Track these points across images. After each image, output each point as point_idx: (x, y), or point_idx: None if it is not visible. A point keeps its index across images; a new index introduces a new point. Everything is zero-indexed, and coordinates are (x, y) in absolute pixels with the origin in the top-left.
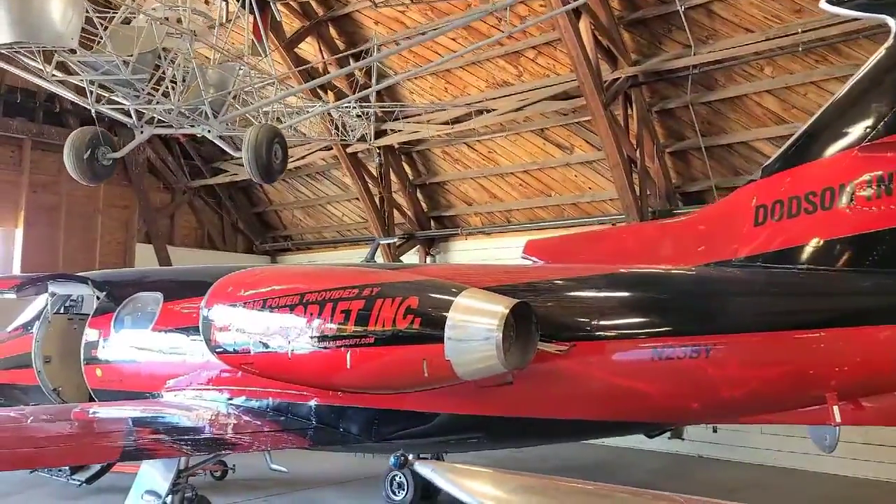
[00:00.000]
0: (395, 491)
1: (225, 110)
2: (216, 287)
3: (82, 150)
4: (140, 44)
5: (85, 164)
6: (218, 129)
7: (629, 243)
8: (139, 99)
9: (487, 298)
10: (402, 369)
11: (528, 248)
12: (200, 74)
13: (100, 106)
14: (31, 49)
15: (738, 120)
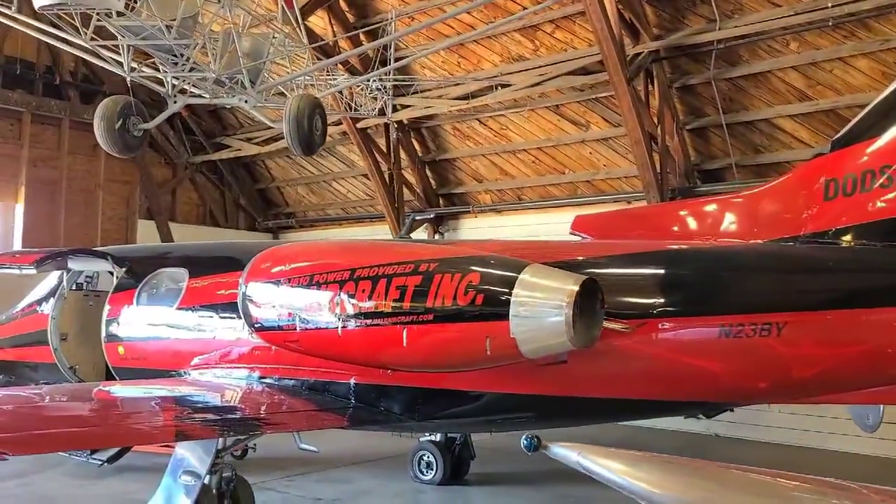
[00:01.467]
0: (422, 470)
1: (260, 79)
2: (257, 262)
3: (114, 119)
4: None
5: (116, 135)
6: (255, 100)
7: (684, 219)
8: (178, 66)
9: (554, 275)
10: (463, 347)
11: (577, 224)
12: (238, 41)
13: (135, 74)
14: (69, 12)
15: (760, 96)
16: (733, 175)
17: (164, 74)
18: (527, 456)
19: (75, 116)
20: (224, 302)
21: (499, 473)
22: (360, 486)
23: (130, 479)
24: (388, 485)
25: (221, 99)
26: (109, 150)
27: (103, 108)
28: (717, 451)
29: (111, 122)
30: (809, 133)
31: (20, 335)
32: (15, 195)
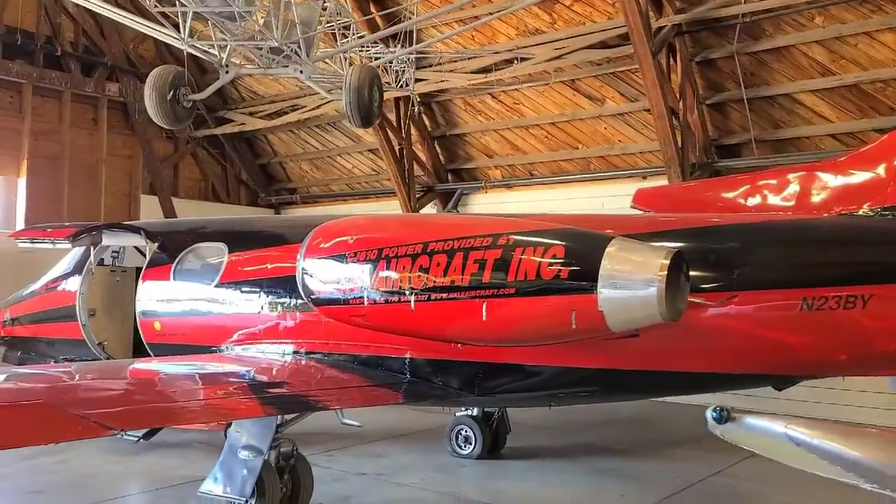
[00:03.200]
0: (460, 445)
1: (314, 49)
2: (317, 236)
3: (165, 90)
4: None
5: (168, 106)
6: (310, 70)
7: (752, 191)
8: (238, 34)
9: (643, 248)
10: (547, 321)
11: (638, 197)
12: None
13: (193, 41)
14: None
15: (782, 71)
16: (751, 150)
17: (218, 43)
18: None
19: (76, 89)
20: (269, 276)
21: (534, 447)
22: (398, 460)
23: (166, 454)
24: (427, 459)
25: (275, 69)
26: (160, 121)
27: (154, 79)
28: None
29: (162, 92)
30: (830, 108)
31: (42, 311)
32: (17, 169)
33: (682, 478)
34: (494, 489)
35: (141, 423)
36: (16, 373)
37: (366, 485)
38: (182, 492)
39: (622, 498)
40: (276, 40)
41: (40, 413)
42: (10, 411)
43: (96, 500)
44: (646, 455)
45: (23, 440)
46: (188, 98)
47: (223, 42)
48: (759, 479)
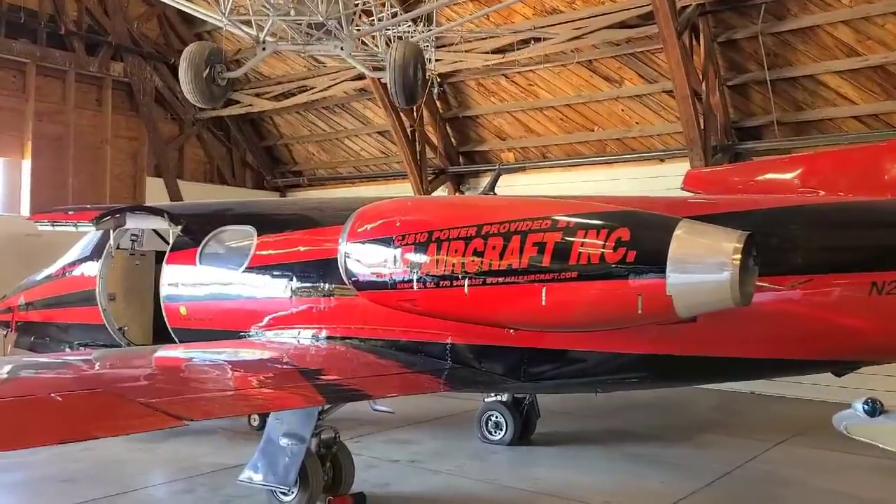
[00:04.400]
0: (491, 430)
1: (353, 25)
2: (360, 220)
3: (202, 67)
4: None
5: (204, 83)
6: (350, 46)
7: (808, 173)
8: (280, 10)
9: (713, 231)
10: (611, 306)
11: (689, 180)
12: None
13: (233, 16)
14: None
15: (806, 52)
16: (772, 133)
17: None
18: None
19: (80, 69)
20: (301, 260)
21: (561, 433)
22: (428, 446)
23: (190, 442)
24: (458, 445)
25: (313, 46)
26: (195, 99)
27: (189, 56)
28: (755, 409)
29: (199, 69)
30: (855, 90)
31: (59, 296)
32: (21, 151)
33: (720, 463)
34: (532, 476)
35: (208, 412)
36: (57, 360)
37: (401, 472)
38: (216, 479)
39: (663, 485)
40: (320, 15)
41: (106, 403)
42: (76, 401)
43: (129, 489)
44: (675, 440)
45: (94, 431)
46: (223, 76)
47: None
48: (796, 465)
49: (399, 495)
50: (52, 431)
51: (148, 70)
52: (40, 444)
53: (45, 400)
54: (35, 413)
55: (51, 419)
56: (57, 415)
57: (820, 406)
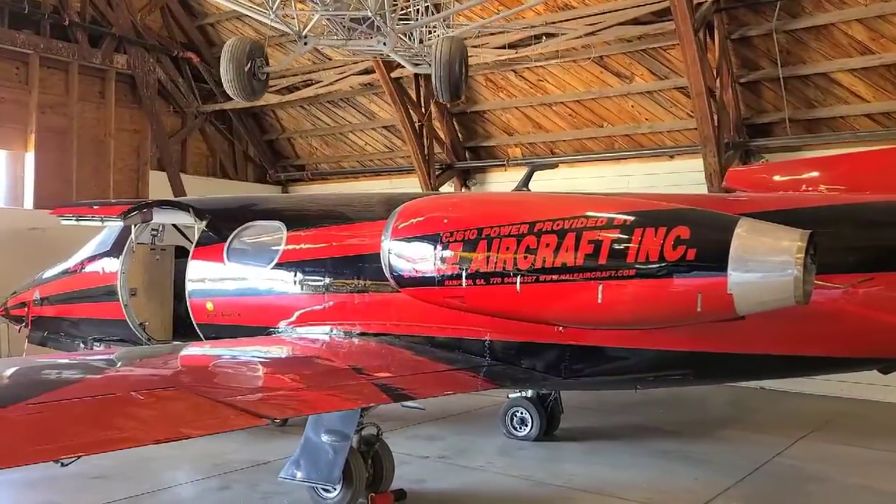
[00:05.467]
0: (516, 426)
1: (395, 20)
2: (404, 216)
3: (243, 61)
4: None
5: (245, 78)
6: (393, 41)
7: (856, 170)
8: (326, 5)
9: (774, 229)
10: (670, 304)
11: (731, 177)
12: None
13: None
14: None
15: (820, 49)
16: (783, 130)
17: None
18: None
19: (84, 60)
20: (333, 256)
21: (584, 428)
22: (455, 442)
23: (218, 438)
24: (484, 441)
25: (355, 41)
26: (235, 94)
27: (231, 50)
28: (769, 405)
29: (240, 64)
30: (867, 88)
31: (77, 291)
32: (24, 143)
33: (746, 460)
34: (565, 472)
35: (287, 411)
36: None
37: (434, 468)
38: (250, 476)
39: (696, 481)
40: (369, 10)
41: (188, 402)
42: (158, 400)
43: (163, 486)
44: (698, 436)
45: (187, 431)
46: (263, 70)
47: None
48: (821, 461)
49: (437, 492)
50: (147, 431)
51: (151, 62)
52: (137, 444)
53: (127, 399)
54: (124, 413)
55: (142, 419)
56: (146, 414)
57: (832, 402)
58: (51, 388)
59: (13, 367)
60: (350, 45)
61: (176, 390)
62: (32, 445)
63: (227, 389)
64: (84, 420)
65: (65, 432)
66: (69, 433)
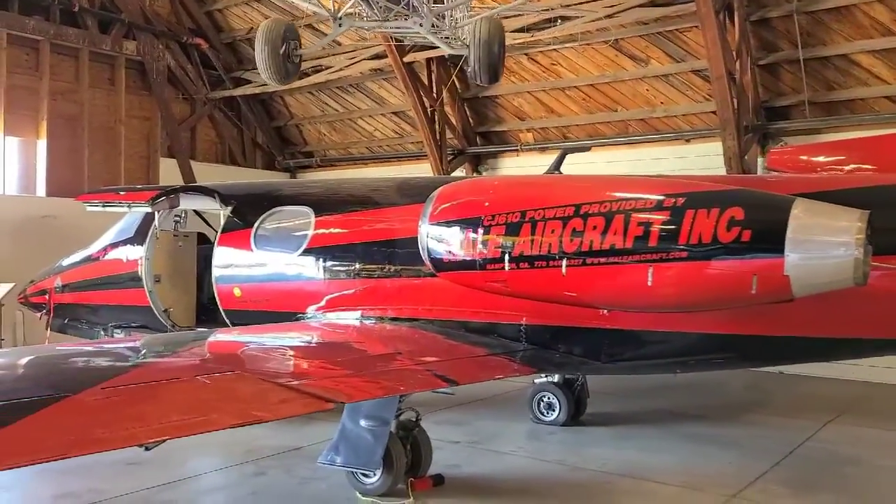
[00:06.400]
0: (543, 411)
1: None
2: (442, 200)
3: (278, 44)
4: None
5: (280, 61)
6: (430, 23)
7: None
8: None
9: (832, 210)
10: (724, 286)
11: (773, 160)
12: None
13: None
14: None
15: (840, 31)
16: (802, 113)
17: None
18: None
19: (94, 46)
20: (364, 241)
21: (609, 413)
22: (484, 427)
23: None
24: (513, 426)
25: (391, 22)
26: (270, 77)
27: (266, 33)
28: (789, 389)
29: (275, 46)
30: (888, 69)
31: (98, 278)
32: (36, 130)
33: (779, 444)
34: (598, 457)
35: (355, 394)
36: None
37: (465, 453)
38: (284, 461)
39: (731, 465)
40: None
41: (255, 386)
42: (226, 384)
43: (199, 472)
44: (725, 420)
45: (261, 415)
46: (297, 53)
47: None
48: (853, 444)
49: (473, 476)
50: (223, 415)
51: (160, 48)
52: (216, 427)
53: (196, 384)
54: (197, 397)
55: (215, 403)
56: (218, 398)
57: (850, 385)
58: (116, 373)
59: (60, 353)
60: (385, 26)
61: (238, 374)
62: (116, 430)
63: (287, 374)
64: (161, 404)
65: (143, 416)
66: (147, 417)
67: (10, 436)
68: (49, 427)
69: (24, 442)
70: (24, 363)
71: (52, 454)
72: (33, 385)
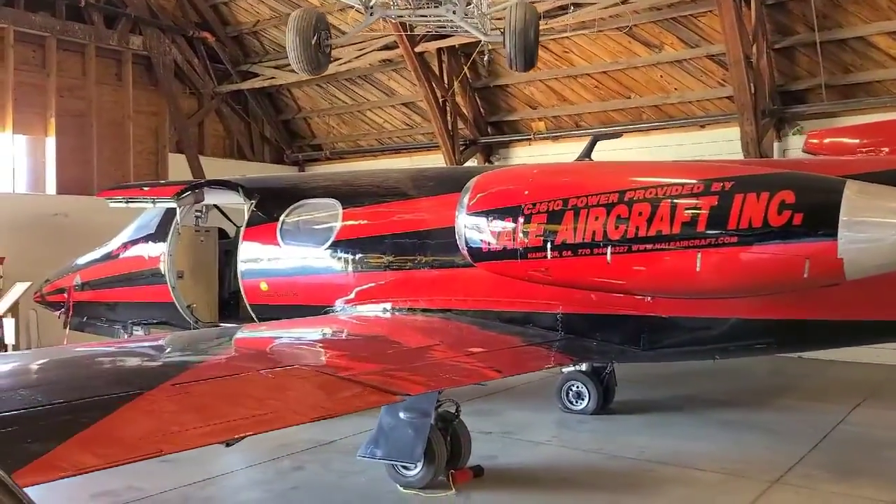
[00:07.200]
0: (572, 400)
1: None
2: (479, 189)
3: (310, 34)
4: None
5: (312, 52)
6: (462, 11)
7: None
8: None
9: (883, 191)
10: (775, 271)
11: (811, 145)
12: None
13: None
14: None
15: (858, 13)
16: (818, 96)
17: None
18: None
19: (100, 42)
20: (394, 232)
21: (642, 401)
22: (515, 418)
23: None
24: (543, 416)
25: (424, 10)
26: (300, 68)
27: (297, 23)
28: (814, 373)
29: (306, 37)
30: None
31: (119, 275)
32: (45, 128)
33: (812, 428)
34: (635, 445)
35: (415, 387)
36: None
37: (501, 444)
38: (319, 456)
39: (769, 450)
40: None
41: (319, 380)
42: (292, 379)
43: (234, 469)
44: (755, 406)
45: (329, 409)
46: (328, 43)
47: None
48: (886, 427)
49: (511, 467)
50: (298, 410)
51: (166, 43)
52: (294, 422)
53: (264, 379)
54: (268, 393)
55: (287, 398)
56: (290, 394)
57: (874, 369)
58: (181, 369)
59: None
60: (417, 14)
61: (299, 369)
62: (202, 425)
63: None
64: (237, 399)
65: (219, 412)
66: (224, 413)
67: (94, 435)
68: (134, 424)
69: (110, 441)
70: (75, 362)
71: (142, 452)
72: (102, 383)
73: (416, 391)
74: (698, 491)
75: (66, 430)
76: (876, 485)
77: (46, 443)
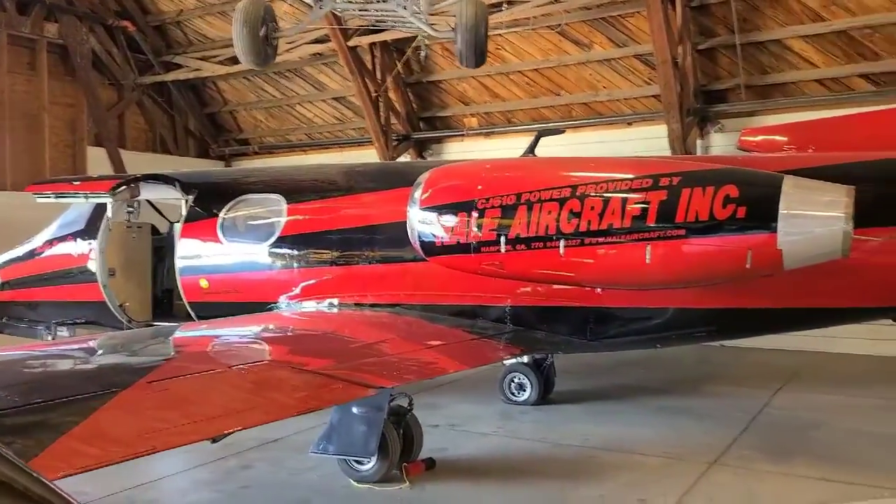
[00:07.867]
0: (514, 392)
1: None
2: (431, 184)
3: (258, 25)
4: None
5: (259, 43)
6: (412, 7)
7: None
8: None
9: (820, 186)
10: (720, 262)
11: (744, 142)
12: None
13: None
14: None
15: (774, 17)
16: (738, 96)
17: None
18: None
19: (12, 29)
20: (341, 227)
21: (580, 391)
22: (459, 410)
23: None
24: (486, 408)
25: (375, 5)
26: (248, 60)
27: (245, 13)
28: (736, 360)
29: (255, 28)
30: (818, 54)
31: (44, 273)
32: None
33: (742, 412)
34: (578, 433)
35: (399, 378)
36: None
37: (449, 436)
38: (268, 454)
39: (706, 434)
40: None
41: (298, 378)
42: (267, 375)
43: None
44: (689, 393)
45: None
46: (275, 35)
47: None
48: (808, 409)
49: (462, 458)
50: (279, 406)
51: (84, 31)
52: (276, 418)
53: (240, 374)
54: (247, 388)
55: (268, 392)
56: (268, 388)
57: (791, 355)
58: (151, 366)
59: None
60: (368, 8)
61: (270, 364)
62: (187, 423)
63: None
64: (216, 396)
65: (206, 409)
66: (211, 409)
67: (83, 434)
68: (118, 423)
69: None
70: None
71: (133, 451)
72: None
73: (391, 384)
74: (643, 475)
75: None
76: (807, 463)
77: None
